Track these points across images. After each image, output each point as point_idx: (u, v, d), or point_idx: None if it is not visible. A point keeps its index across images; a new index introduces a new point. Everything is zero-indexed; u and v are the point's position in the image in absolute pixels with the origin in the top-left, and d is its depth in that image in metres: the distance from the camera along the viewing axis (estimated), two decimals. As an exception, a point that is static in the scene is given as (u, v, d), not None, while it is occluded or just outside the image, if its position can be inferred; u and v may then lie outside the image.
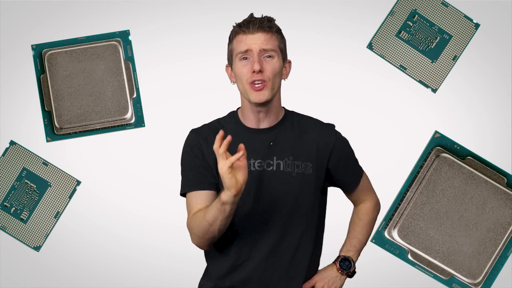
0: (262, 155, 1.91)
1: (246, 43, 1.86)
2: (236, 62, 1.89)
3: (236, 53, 1.88)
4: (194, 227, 1.82)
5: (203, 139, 1.92)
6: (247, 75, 1.86)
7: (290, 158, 1.91)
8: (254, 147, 1.91)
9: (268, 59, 1.87)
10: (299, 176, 1.90)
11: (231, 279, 1.92)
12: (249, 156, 1.90)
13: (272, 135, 1.93)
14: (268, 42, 1.86)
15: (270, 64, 1.87)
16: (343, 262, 2.01)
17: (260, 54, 1.86)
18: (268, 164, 1.91)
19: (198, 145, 1.92)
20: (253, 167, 1.91)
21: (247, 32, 1.86)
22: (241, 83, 1.89)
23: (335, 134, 1.97)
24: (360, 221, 2.07)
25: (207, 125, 1.99)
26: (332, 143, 1.94)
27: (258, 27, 1.86)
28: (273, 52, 1.87)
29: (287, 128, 1.94)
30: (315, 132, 1.94)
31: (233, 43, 1.89)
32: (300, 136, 1.93)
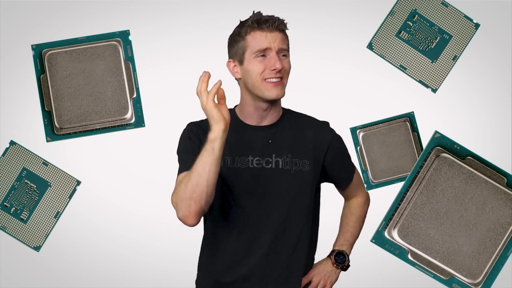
0: (261, 152, 1.92)
1: (266, 41, 1.87)
2: (251, 59, 1.89)
3: (253, 50, 1.88)
4: (180, 191, 1.74)
5: (202, 131, 1.94)
6: (264, 72, 1.88)
7: (289, 156, 1.93)
8: (252, 145, 1.93)
9: (283, 57, 1.90)
10: (297, 173, 1.92)
11: (231, 275, 1.93)
12: (247, 153, 1.92)
13: (271, 133, 1.94)
14: (284, 42, 1.90)
15: (286, 62, 1.91)
16: (337, 256, 2.05)
17: (279, 52, 1.88)
18: (267, 161, 1.92)
19: (197, 134, 1.95)
20: (251, 164, 1.92)
21: (266, 29, 1.88)
22: (253, 79, 1.89)
23: (330, 132, 1.99)
24: (353, 216, 2.11)
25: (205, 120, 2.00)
26: (328, 141, 1.96)
27: (277, 26, 1.89)
28: (287, 52, 1.91)
29: (285, 126, 1.96)
30: (311, 130, 1.96)
31: (247, 39, 1.89)
32: (297, 134, 1.95)
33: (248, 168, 1.91)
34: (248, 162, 1.93)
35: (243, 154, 1.92)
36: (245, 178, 1.91)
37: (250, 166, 1.92)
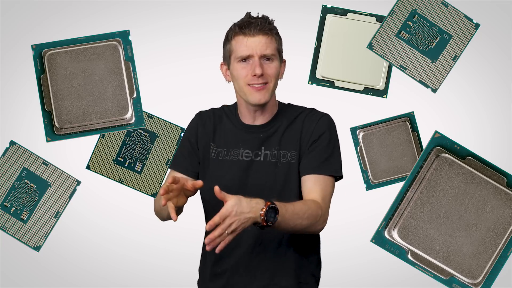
0: (251, 145, 1.94)
1: (247, 47, 1.87)
2: (235, 64, 1.90)
3: (236, 56, 1.89)
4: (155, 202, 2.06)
5: (202, 123, 2.00)
6: (247, 78, 1.88)
7: (276, 148, 1.93)
8: (244, 138, 1.95)
9: (267, 62, 1.89)
10: (284, 165, 1.92)
11: (221, 266, 1.95)
12: (238, 145, 1.95)
13: (264, 131, 1.96)
14: (268, 46, 1.88)
15: (270, 67, 1.89)
16: (271, 212, 1.67)
17: (261, 58, 1.87)
18: (256, 154, 1.94)
19: (195, 128, 2.01)
20: (241, 157, 1.94)
21: (248, 34, 1.87)
22: (239, 84, 1.91)
23: (317, 119, 1.94)
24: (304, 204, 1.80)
25: (212, 109, 2.05)
26: (312, 128, 1.93)
27: (259, 29, 1.87)
28: (273, 56, 1.90)
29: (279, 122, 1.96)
30: (300, 121, 1.96)
31: (232, 43, 1.90)
32: (289, 126, 1.96)
33: (238, 160, 1.94)
34: (239, 154, 1.95)
35: (236, 146, 1.95)
36: (235, 171, 1.93)
37: (240, 159, 1.94)
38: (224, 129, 1.99)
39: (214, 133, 2.00)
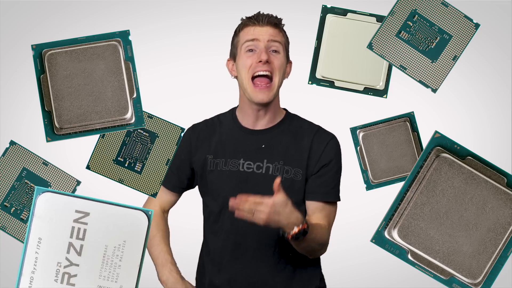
0: (252, 156, 1.92)
1: (255, 33, 1.87)
2: (241, 53, 1.90)
3: (243, 42, 1.88)
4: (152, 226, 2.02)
5: (195, 136, 1.98)
6: (252, 66, 1.87)
7: (280, 163, 1.91)
8: (245, 148, 1.92)
9: (274, 53, 1.89)
10: (287, 181, 1.89)
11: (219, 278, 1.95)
12: (239, 156, 1.92)
13: (266, 138, 1.93)
14: (276, 36, 1.88)
15: (276, 58, 1.90)
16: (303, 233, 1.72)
17: (268, 46, 1.87)
18: (258, 166, 1.92)
19: (189, 141, 1.98)
20: (242, 168, 1.92)
21: (256, 24, 1.89)
22: (242, 76, 1.89)
23: (327, 142, 1.95)
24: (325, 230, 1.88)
25: (205, 121, 2.02)
26: (321, 150, 1.93)
27: (268, 21, 1.88)
28: (280, 47, 1.90)
29: (283, 132, 1.94)
30: (310, 139, 1.94)
31: (239, 35, 1.90)
32: (295, 141, 1.93)
33: (238, 171, 1.91)
34: (239, 165, 1.92)
35: (235, 156, 1.92)
36: (234, 182, 1.91)
37: (240, 170, 1.92)
38: (221, 138, 1.97)
39: (210, 144, 1.97)
